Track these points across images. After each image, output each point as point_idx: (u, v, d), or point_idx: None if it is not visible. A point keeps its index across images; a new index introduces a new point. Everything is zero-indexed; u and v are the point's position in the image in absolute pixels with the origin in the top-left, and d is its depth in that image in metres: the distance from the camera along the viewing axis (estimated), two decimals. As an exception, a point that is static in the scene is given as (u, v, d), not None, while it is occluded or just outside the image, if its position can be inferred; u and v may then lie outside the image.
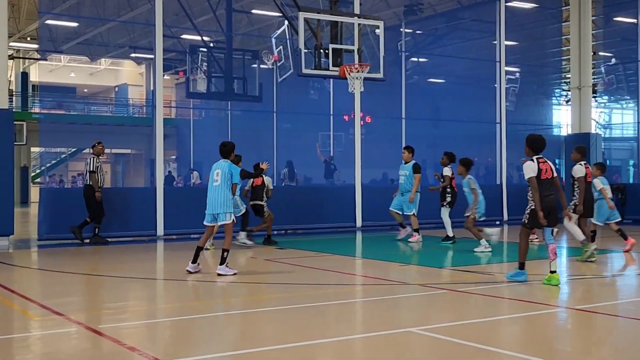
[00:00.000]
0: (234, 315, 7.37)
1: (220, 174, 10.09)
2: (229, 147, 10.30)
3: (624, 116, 48.05)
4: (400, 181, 14.87)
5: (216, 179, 10.10)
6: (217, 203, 10.09)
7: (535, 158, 8.94)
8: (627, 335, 6.49)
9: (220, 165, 10.16)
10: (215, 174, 10.15)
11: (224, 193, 10.04)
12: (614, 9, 26.64)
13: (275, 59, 23.87)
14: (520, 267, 9.12)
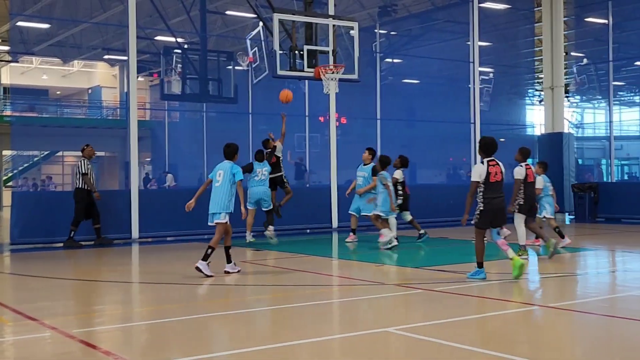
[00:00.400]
0: (210, 318, 7.34)
1: (222, 174, 10.26)
2: (232, 149, 10.42)
3: (595, 115, 48.64)
4: (359, 182, 14.70)
5: (218, 180, 10.28)
6: (216, 203, 10.23)
7: (487, 160, 9.18)
8: (602, 332, 6.56)
9: (223, 167, 10.32)
10: (217, 174, 10.32)
11: (223, 194, 10.17)
12: (585, 10, 26.94)
13: (250, 60, 23.82)
14: (479, 266, 9.37)
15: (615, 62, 25.87)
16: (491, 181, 9.06)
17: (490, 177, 9.06)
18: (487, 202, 9.09)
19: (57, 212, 15.22)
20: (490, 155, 9.22)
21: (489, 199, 9.08)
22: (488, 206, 9.08)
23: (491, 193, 9.07)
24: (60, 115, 44.58)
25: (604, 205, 20.80)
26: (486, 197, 9.10)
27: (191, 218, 16.45)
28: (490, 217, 9.16)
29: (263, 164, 15.09)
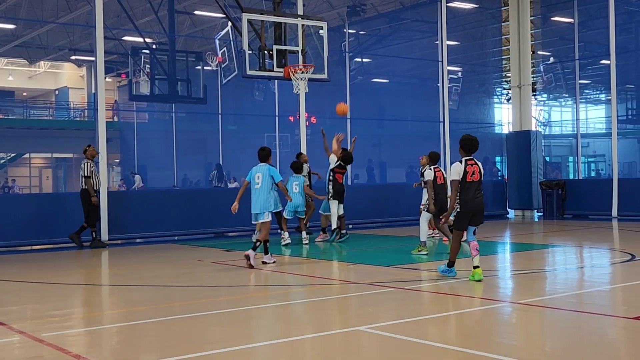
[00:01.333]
0: (181, 320, 7.30)
1: (260, 177, 11.18)
2: (267, 152, 11.34)
3: (562, 113, 49.21)
4: None
5: (257, 182, 11.20)
6: (257, 204, 11.19)
7: (465, 160, 9.02)
8: (571, 327, 6.65)
9: (261, 169, 11.23)
10: (256, 177, 11.22)
11: (264, 194, 11.15)
12: (552, 9, 27.24)
13: (219, 60, 23.76)
14: (450, 265, 9.37)
15: (581, 61, 26.19)
16: (467, 180, 8.91)
17: (467, 176, 8.91)
18: (464, 203, 8.95)
19: (25, 214, 15.05)
20: (470, 154, 9.10)
21: (466, 200, 8.94)
22: (465, 207, 8.96)
23: (468, 193, 8.92)
24: (27, 117, 43.99)
25: (572, 202, 21.08)
26: (463, 198, 8.95)
27: (161, 219, 16.44)
28: (468, 218, 9.04)
29: (297, 177, 14.75)
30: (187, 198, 17.78)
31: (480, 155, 12.96)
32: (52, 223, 15.28)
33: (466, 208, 8.97)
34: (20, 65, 44.89)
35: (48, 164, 46.08)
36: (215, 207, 16.94)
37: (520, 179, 22.40)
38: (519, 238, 16.11)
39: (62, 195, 24.44)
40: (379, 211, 18.16)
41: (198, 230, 16.99)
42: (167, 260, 13.08)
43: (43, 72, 47.64)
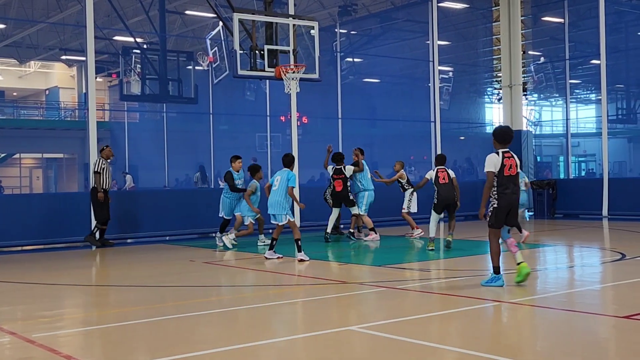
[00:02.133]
0: (173, 320, 7.29)
1: (279, 180, 11.86)
2: (290, 158, 12.12)
3: (553, 113, 49.37)
4: None
5: (275, 184, 11.87)
6: (273, 206, 11.84)
7: (501, 151, 8.44)
8: (562, 326, 6.67)
9: (281, 174, 11.94)
10: (275, 180, 11.94)
11: (279, 197, 11.78)
12: (542, 9, 27.33)
13: (210, 60, 23.71)
14: (495, 272, 8.59)
15: (571, 61, 26.27)
16: (505, 175, 8.33)
17: (504, 170, 8.32)
18: (502, 197, 8.35)
19: (15, 215, 15.01)
20: (505, 146, 8.46)
21: (504, 195, 8.35)
22: (503, 202, 8.36)
23: (505, 188, 8.34)
24: (17, 117, 43.80)
25: (562, 202, 21.16)
26: (501, 192, 8.36)
27: (152, 220, 16.41)
28: (505, 214, 8.45)
29: None
30: (178, 198, 17.75)
31: (470, 154, 12.99)
32: (55, 222, 15.23)
33: (504, 203, 8.37)
34: (10, 65, 44.71)
35: (38, 164, 45.89)
36: (206, 207, 16.91)
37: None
38: (510, 237, 16.13)
39: (56, 195, 24.36)
40: (370, 211, 18.12)
41: (189, 230, 16.96)
42: (158, 260, 13.06)
43: (33, 72, 47.46)
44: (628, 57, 30.53)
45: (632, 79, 33.03)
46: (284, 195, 11.76)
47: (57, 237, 15.26)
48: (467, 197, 22.47)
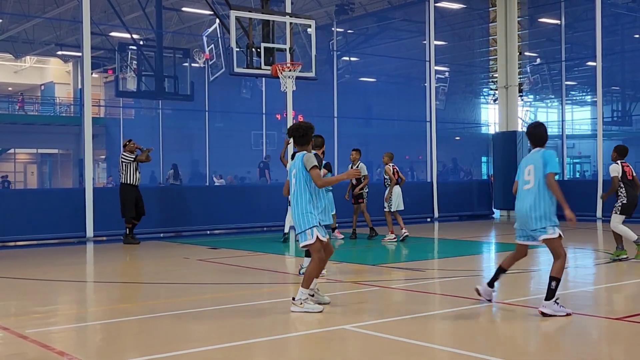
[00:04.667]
0: (166, 317, 7.28)
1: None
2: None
3: (548, 115, 49.42)
4: None
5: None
6: None
7: (620, 162, 10.86)
8: (555, 327, 6.68)
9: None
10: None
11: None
12: (539, 10, 27.37)
13: (206, 57, 23.71)
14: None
15: (567, 62, 26.33)
16: (628, 178, 10.84)
17: (627, 175, 10.85)
18: (628, 196, 10.83)
19: (11, 210, 14.98)
20: (623, 158, 10.97)
21: (633, 195, 10.84)
22: (629, 199, 10.83)
23: (632, 189, 10.82)
24: (12, 112, 43.70)
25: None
26: (627, 193, 10.81)
27: (147, 216, 16.38)
28: (631, 209, 10.83)
29: None
30: (173, 195, 17.73)
31: (467, 153, 13.00)
32: (49, 218, 15.21)
33: (630, 200, 10.91)
34: (6, 60, 44.59)
35: (33, 160, 45.79)
36: (201, 205, 16.90)
37: (506, 180, 22.47)
38: (504, 238, 16.18)
39: (51, 191, 24.31)
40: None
41: (184, 227, 16.95)
42: (152, 257, 13.05)
43: (29, 67, 47.35)
44: (624, 59, 30.60)
45: (628, 81, 33.11)
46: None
47: (51, 233, 15.23)
48: (458, 197, 22.62)
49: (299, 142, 7.56)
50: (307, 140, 7.60)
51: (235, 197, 17.88)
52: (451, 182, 27.23)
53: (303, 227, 7.22)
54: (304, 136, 7.55)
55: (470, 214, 21.80)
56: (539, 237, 7.23)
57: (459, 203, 21.73)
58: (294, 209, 7.34)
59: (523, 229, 7.32)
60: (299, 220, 7.27)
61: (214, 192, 18.97)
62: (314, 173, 7.21)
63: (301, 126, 7.61)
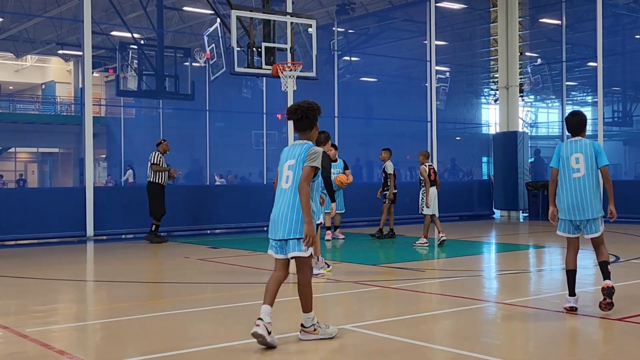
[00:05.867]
0: (166, 316, 7.29)
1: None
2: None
3: (549, 115, 49.43)
4: None
5: None
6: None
7: None
8: (554, 327, 6.68)
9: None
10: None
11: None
12: (540, 10, 27.36)
13: (207, 57, 23.69)
14: None
15: (568, 63, 26.32)
16: None
17: None
18: None
19: (11, 209, 14.99)
20: None
21: None
22: None
23: None
24: (13, 111, 43.72)
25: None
26: None
27: (146, 215, 16.38)
28: None
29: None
30: (172, 194, 17.71)
31: (468, 154, 12.99)
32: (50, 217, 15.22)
33: None
34: (7, 58, 44.61)
35: (34, 159, 45.80)
36: (201, 204, 16.91)
37: (506, 180, 22.50)
38: (504, 238, 16.19)
39: (51, 190, 24.29)
40: (366, 210, 18.15)
41: (184, 227, 16.95)
42: (152, 256, 13.05)
43: (30, 66, 47.37)
44: (625, 59, 30.58)
45: (629, 82, 33.08)
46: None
47: (52, 232, 15.24)
48: (458, 197, 22.60)
49: (298, 126, 6.15)
50: (309, 125, 6.13)
51: (236, 197, 17.88)
52: (451, 182, 27.24)
53: (298, 233, 5.87)
54: (304, 119, 6.12)
55: (470, 214, 21.79)
56: (591, 235, 7.21)
57: (459, 203, 21.72)
58: (287, 209, 5.92)
59: (572, 220, 7.13)
60: (294, 223, 5.89)
61: (214, 192, 18.93)
62: (306, 171, 5.86)
63: (300, 107, 6.16)
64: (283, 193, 5.97)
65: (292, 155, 6.01)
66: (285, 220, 5.89)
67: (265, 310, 5.87)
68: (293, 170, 5.94)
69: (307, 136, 6.13)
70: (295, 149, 6.03)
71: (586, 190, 7.01)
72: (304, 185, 5.80)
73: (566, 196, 7.10)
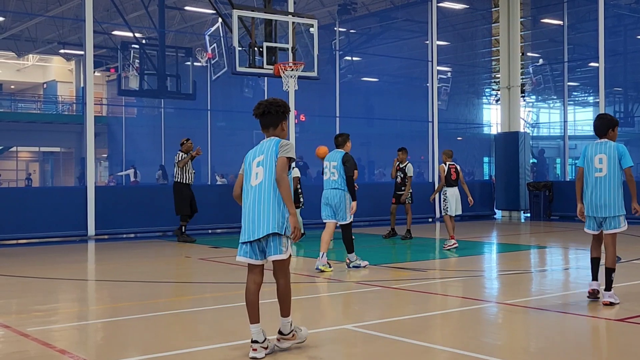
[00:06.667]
0: (167, 316, 7.29)
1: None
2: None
3: (550, 115, 49.40)
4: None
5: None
6: None
7: None
8: (556, 328, 6.68)
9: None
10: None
11: None
12: (542, 11, 27.34)
13: (209, 56, 23.71)
14: None
15: (570, 63, 26.30)
16: None
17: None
18: None
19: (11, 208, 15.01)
20: None
21: None
22: None
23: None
24: (15, 110, 43.74)
25: (558, 204, 21.16)
26: None
27: (148, 215, 16.41)
28: None
29: None
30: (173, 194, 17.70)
31: (469, 155, 12.96)
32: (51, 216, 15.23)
33: None
34: (8, 58, 44.64)
35: (35, 158, 45.83)
36: (202, 204, 16.88)
37: (507, 180, 22.49)
38: (506, 239, 16.18)
39: (52, 189, 24.29)
40: (367, 210, 18.13)
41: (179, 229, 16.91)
42: (153, 256, 13.05)
43: (31, 65, 47.40)
44: (626, 60, 30.53)
45: (630, 83, 33.05)
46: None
47: (53, 231, 15.25)
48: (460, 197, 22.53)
49: (263, 122, 5.98)
50: (272, 121, 5.93)
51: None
52: (453, 183, 27.20)
53: (276, 228, 5.51)
54: (266, 115, 5.95)
55: (471, 215, 21.77)
56: (612, 230, 7.52)
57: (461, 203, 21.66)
58: (261, 206, 5.54)
59: (596, 217, 7.57)
60: (272, 220, 5.49)
61: (215, 191, 18.91)
62: (282, 161, 5.58)
63: (263, 102, 6.04)
64: (253, 190, 5.63)
65: (259, 152, 5.75)
66: (260, 218, 5.52)
67: (256, 331, 5.58)
68: (264, 165, 5.64)
69: (272, 133, 5.89)
70: (263, 145, 5.80)
71: (607, 189, 7.45)
72: (284, 177, 5.51)
73: (590, 194, 7.58)
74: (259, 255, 5.60)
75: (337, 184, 10.31)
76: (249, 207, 5.61)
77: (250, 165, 5.74)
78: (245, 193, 5.71)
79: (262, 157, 5.67)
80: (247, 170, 5.74)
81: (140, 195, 17.28)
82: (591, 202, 7.54)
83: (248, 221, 5.58)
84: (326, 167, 10.55)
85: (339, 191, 10.28)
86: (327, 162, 10.58)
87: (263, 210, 5.52)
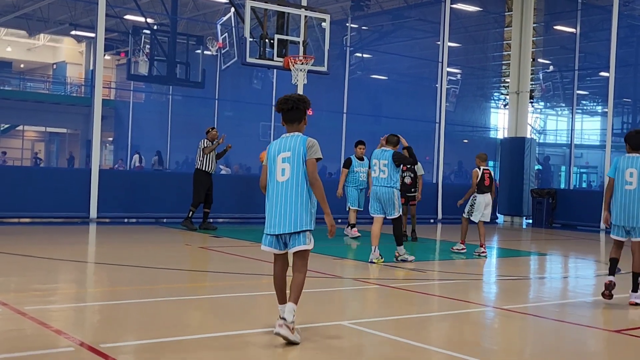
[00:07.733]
0: (164, 302, 7.30)
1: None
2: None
3: (558, 123, 49.32)
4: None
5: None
6: None
7: None
8: (551, 336, 6.68)
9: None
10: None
11: None
12: (555, 17, 27.27)
13: (219, 45, 23.67)
14: None
15: (580, 71, 26.24)
16: None
17: None
18: None
19: (16, 187, 15.02)
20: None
21: None
22: None
23: None
24: (23, 89, 43.78)
25: (561, 212, 21.14)
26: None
27: (150, 201, 16.42)
28: None
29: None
30: (177, 180, 17.74)
31: (474, 158, 12.91)
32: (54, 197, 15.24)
33: None
34: (20, 36, 44.66)
35: (41, 138, 45.89)
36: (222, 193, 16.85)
37: (511, 185, 22.47)
38: (506, 244, 16.17)
39: (57, 170, 24.30)
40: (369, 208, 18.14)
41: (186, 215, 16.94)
42: (154, 242, 13.07)
43: (42, 45, 47.40)
44: (637, 71, 30.47)
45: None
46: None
47: (55, 212, 15.28)
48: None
49: (288, 117, 5.87)
50: (298, 116, 5.86)
51: (240, 187, 17.86)
52: (456, 185, 27.18)
53: (303, 226, 5.80)
54: (294, 110, 5.85)
55: (473, 218, 21.75)
56: (639, 238, 7.98)
57: (463, 206, 21.65)
58: (288, 203, 5.79)
59: (624, 225, 8.02)
60: (299, 217, 5.78)
61: (219, 181, 18.92)
62: (312, 163, 5.76)
63: (291, 98, 5.88)
64: (279, 186, 5.79)
65: (286, 148, 5.80)
66: (287, 214, 5.76)
67: (287, 310, 5.75)
68: (290, 162, 5.74)
69: (296, 128, 5.90)
70: (289, 141, 5.82)
71: (636, 202, 7.93)
72: (317, 179, 5.75)
73: (618, 205, 8.04)
74: (282, 247, 5.97)
75: (386, 181, 10.72)
76: (275, 203, 5.84)
77: (275, 160, 5.83)
78: (271, 187, 5.89)
79: (288, 154, 5.77)
80: (272, 164, 5.85)
81: (144, 180, 17.28)
82: (621, 212, 8.00)
83: (274, 215, 5.86)
84: (375, 164, 10.96)
85: (389, 189, 10.69)
86: (377, 160, 10.99)
87: (289, 207, 5.77)
